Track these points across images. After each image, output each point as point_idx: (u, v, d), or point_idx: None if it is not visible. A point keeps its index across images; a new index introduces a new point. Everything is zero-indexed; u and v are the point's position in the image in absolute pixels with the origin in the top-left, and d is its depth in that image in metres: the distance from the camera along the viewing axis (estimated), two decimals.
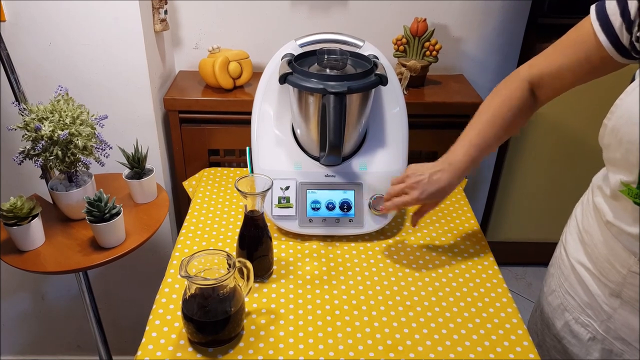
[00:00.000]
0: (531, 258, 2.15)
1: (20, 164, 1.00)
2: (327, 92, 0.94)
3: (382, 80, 0.99)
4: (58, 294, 1.61)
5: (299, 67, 0.99)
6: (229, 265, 0.81)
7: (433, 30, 1.40)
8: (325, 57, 1.02)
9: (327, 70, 1.02)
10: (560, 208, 1.96)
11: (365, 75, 0.99)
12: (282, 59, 1.06)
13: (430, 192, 0.91)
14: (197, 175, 1.33)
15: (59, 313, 1.64)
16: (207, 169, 1.34)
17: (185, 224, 1.12)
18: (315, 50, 1.05)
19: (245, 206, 0.92)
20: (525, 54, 1.64)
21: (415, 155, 1.48)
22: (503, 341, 0.86)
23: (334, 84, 0.94)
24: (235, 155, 1.44)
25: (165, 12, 1.30)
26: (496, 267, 1.04)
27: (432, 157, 1.46)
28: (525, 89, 0.88)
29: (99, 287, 1.54)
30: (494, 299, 0.95)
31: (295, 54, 1.07)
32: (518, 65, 1.59)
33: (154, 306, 0.91)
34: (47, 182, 1.10)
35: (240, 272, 0.87)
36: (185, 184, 1.32)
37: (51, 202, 1.13)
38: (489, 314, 0.92)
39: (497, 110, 0.90)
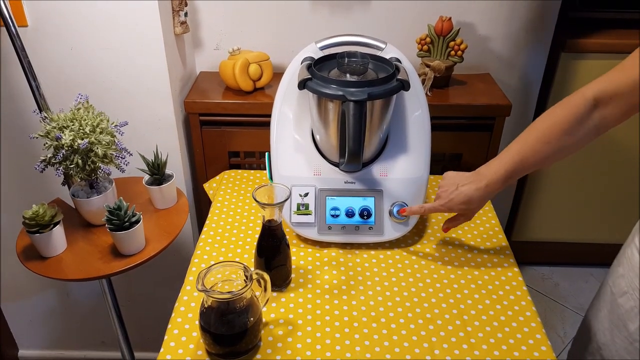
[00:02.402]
0: (558, 258, 2.11)
1: (42, 172, 1.01)
2: (346, 99, 0.92)
3: (404, 85, 0.96)
4: (82, 292, 1.64)
5: (318, 72, 0.97)
6: (246, 277, 0.80)
7: (458, 30, 1.36)
8: (346, 61, 1.00)
9: (347, 75, 1.00)
10: (588, 208, 1.91)
11: (386, 81, 0.96)
12: (301, 63, 1.04)
13: (456, 202, 0.92)
14: (217, 177, 1.33)
15: (84, 310, 1.67)
16: (227, 171, 1.34)
17: (205, 228, 1.12)
18: (336, 54, 1.03)
19: (263, 216, 0.91)
20: (556, 50, 1.59)
21: (439, 158, 1.45)
22: (521, 345, 0.86)
23: (353, 91, 0.92)
24: (256, 157, 1.43)
25: (185, 14, 1.29)
26: (516, 269, 1.02)
27: (456, 159, 1.45)
28: (589, 106, 0.81)
29: (121, 287, 1.56)
30: (513, 302, 0.94)
31: (315, 57, 1.05)
32: (547, 63, 1.57)
33: (173, 314, 0.92)
34: (69, 188, 1.11)
35: (258, 282, 0.86)
36: (206, 186, 1.32)
37: (73, 206, 1.14)
38: (507, 317, 0.91)
39: (552, 127, 0.84)
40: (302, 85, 0.97)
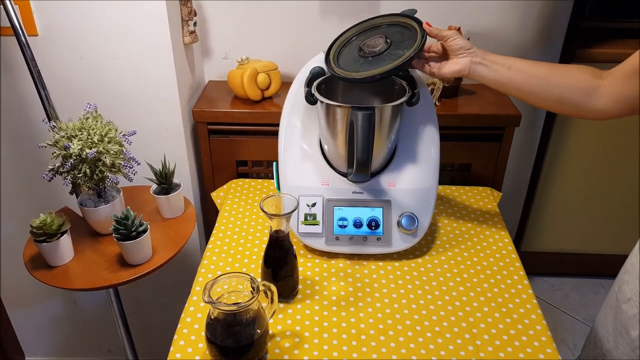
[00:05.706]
0: (568, 269, 2.09)
1: (50, 181, 1.01)
2: (355, 109, 0.91)
3: (413, 96, 0.96)
4: (89, 299, 1.63)
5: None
6: (253, 288, 0.79)
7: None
8: None
9: None
10: (598, 218, 1.89)
11: None
12: (309, 73, 1.04)
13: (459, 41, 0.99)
14: (224, 186, 1.33)
15: (90, 317, 1.67)
16: (235, 180, 1.34)
17: (212, 238, 1.12)
18: None
19: (271, 226, 0.91)
20: (565, 60, 1.57)
21: (448, 168, 1.44)
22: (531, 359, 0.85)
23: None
24: (263, 167, 1.43)
25: (195, 24, 1.30)
26: (526, 281, 1.01)
27: (465, 169, 1.44)
28: (594, 79, 0.86)
29: (128, 295, 1.55)
30: (522, 315, 0.93)
31: (324, 67, 1.05)
32: None
33: (179, 325, 0.91)
34: (77, 197, 1.11)
35: (265, 293, 0.85)
36: (214, 195, 1.32)
37: (81, 215, 1.14)
38: (517, 330, 0.90)
39: (552, 71, 0.89)
40: (310, 96, 0.97)
